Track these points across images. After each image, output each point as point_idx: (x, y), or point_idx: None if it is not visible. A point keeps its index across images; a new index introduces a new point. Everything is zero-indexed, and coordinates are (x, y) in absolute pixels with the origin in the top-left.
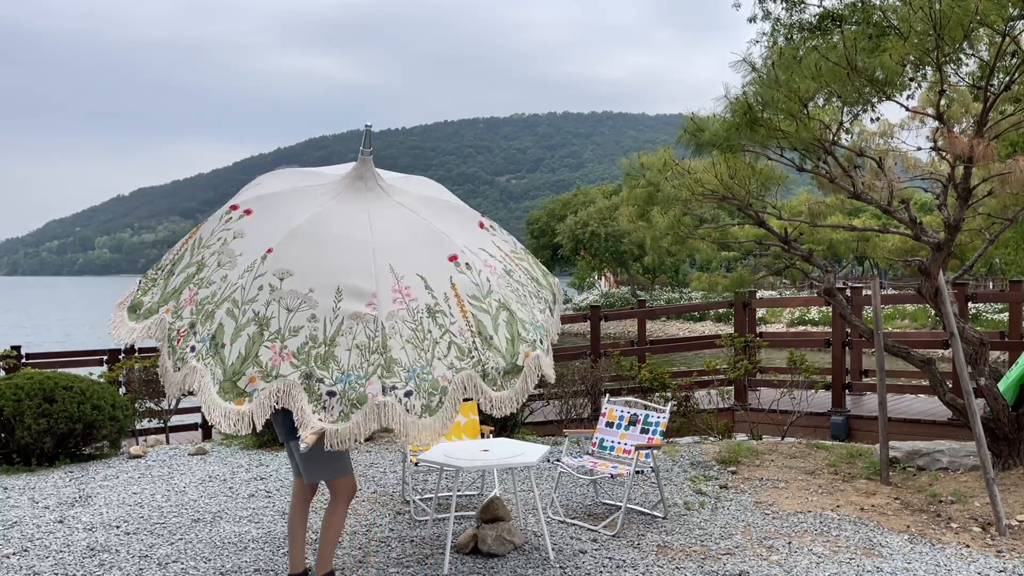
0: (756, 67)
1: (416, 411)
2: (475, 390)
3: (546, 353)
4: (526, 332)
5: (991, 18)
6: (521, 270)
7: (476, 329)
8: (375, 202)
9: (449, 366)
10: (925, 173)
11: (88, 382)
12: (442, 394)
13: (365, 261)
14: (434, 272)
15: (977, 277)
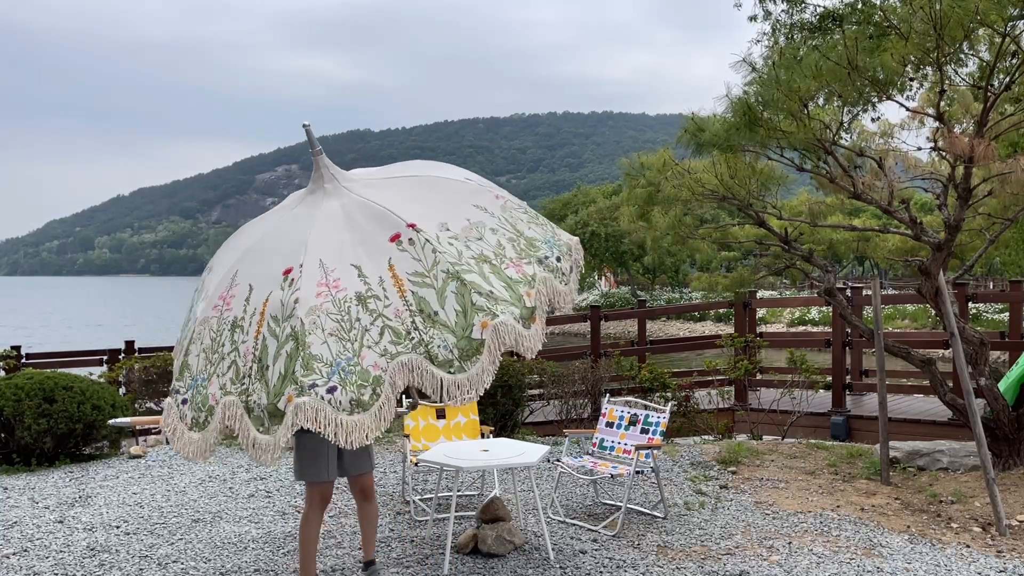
0: (756, 67)
1: (344, 407)
2: (423, 375)
3: (522, 320)
4: (485, 300)
5: (991, 18)
6: (510, 229)
7: (417, 307)
8: (326, 200)
9: (382, 352)
10: (925, 173)
11: (88, 382)
12: (375, 384)
13: (294, 262)
14: (370, 258)
15: (977, 277)
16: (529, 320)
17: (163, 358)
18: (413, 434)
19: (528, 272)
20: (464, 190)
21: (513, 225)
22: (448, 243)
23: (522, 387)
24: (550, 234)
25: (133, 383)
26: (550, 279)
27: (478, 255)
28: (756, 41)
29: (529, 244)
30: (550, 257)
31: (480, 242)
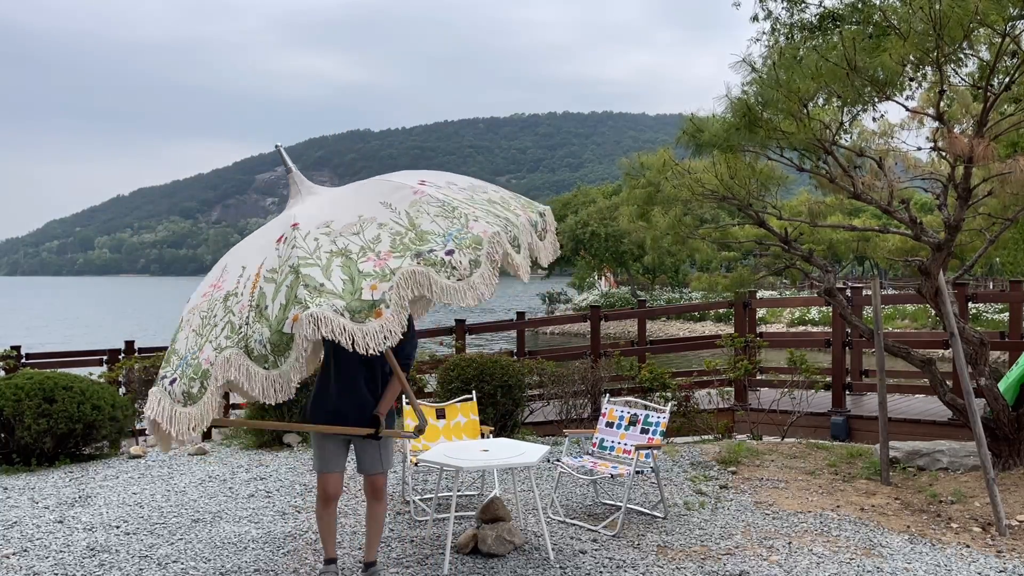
0: (756, 67)
1: (178, 398)
2: (240, 370)
3: (351, 313)
4: (307, 292)
5: (991, 18)
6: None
7: (256, 303)
8: None
9: (216, 347)
10: (925, 173)
11: (88, 382)
12: (203, 378)
13: None
14: (256, 258)
15: (977, 277)
16: (366, 313)
17: (163, 358)
18: None
19: (391, 266)
20: (385, 188)
21: (411, 219)
22: (313, 240)
23: (522, 387)
24: (458, 227)
25: (133, 383)
26: (424, 272)
27: (338, 249)
28: (756, 40)
29: (419, 237)
30: (436, 250)
31: (354, 236)
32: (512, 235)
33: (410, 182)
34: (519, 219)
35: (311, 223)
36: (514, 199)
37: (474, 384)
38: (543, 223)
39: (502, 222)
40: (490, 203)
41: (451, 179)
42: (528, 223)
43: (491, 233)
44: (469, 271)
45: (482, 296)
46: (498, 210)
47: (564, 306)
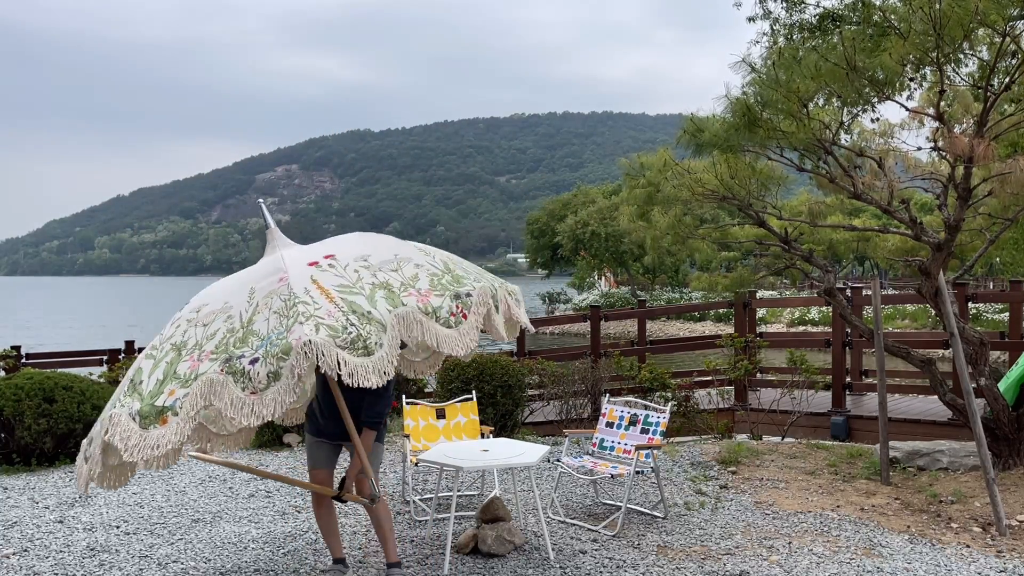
0: (756, 67)
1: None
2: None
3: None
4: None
5: (991, 18)
6: (439, 266)
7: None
8: None
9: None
10: (925, 173)
11: (88, 382)
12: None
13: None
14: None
15: (977, 277)
16: None
17: None
18: (413, 434)
19: (433, 304)
20: (410, 245)
21: (445, 263)
22: (353, 271)
23: (522, 387)
24: (487, 275)
25: None
26: (437, 327)
27: (380, 283)
28: (755, 42)
29: (455, 279)
30: (472, 294)
31: (393, 273)
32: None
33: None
34: (400, 310)
35: (345, 257)
36: (432, 276)
37: (474, 384)
38: (456, 306)
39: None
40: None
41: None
42: (417, 309)
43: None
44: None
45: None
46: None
47: (564, 306)
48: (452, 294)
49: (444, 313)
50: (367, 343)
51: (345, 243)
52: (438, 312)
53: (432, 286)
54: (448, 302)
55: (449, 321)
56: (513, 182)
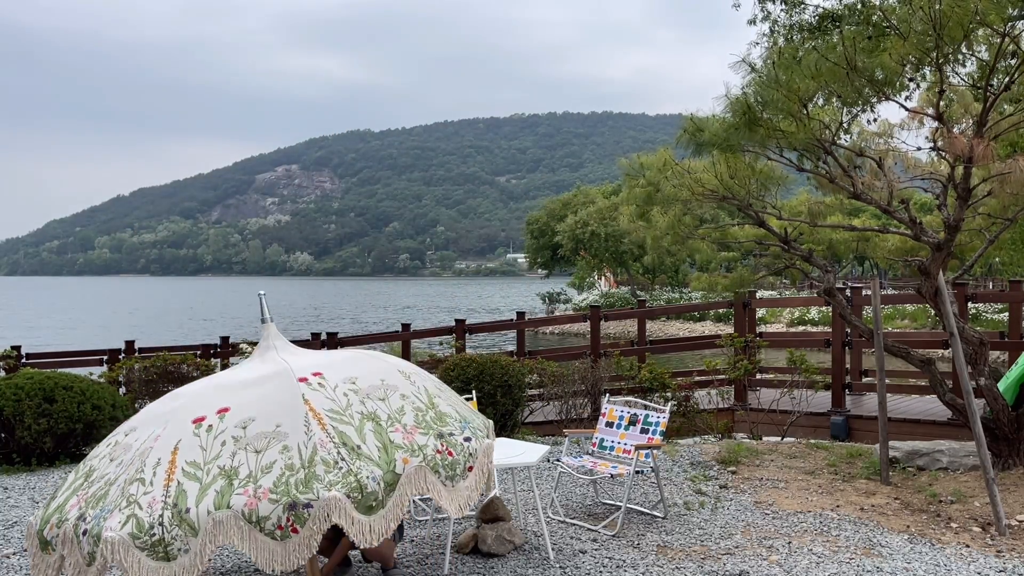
0: (756, 67)
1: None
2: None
3: (443, 476)
4: (402, 441)
5: (991, 18)
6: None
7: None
8: None
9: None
10: (925, 173)
11: (88, 382)
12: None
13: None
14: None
15: (976, 277)
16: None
17: (163, 358)
18: None
19: (419, 441)
20: (396, 364)
21: (429, 398)
22: (343, 394)
23: (522, 387)
24: (468, 415)
25: (133, 383)
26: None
27: (367, 413)
28: (755, 43)
29: (438, 417)
30: (456, 434)
31: (380, 402)
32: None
33: None
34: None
35: (334, 376)
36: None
37: (474, 384)
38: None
39: None
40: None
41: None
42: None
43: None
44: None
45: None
46: None
47: (564, 306)
48: (436, 433)
49: (430, 452)
50: (360, 481)
51: (334, 361)
52: (424, 451)
53: (417, 422)
54: (432, 441)
55: (439, 468)
56: (513, 182)
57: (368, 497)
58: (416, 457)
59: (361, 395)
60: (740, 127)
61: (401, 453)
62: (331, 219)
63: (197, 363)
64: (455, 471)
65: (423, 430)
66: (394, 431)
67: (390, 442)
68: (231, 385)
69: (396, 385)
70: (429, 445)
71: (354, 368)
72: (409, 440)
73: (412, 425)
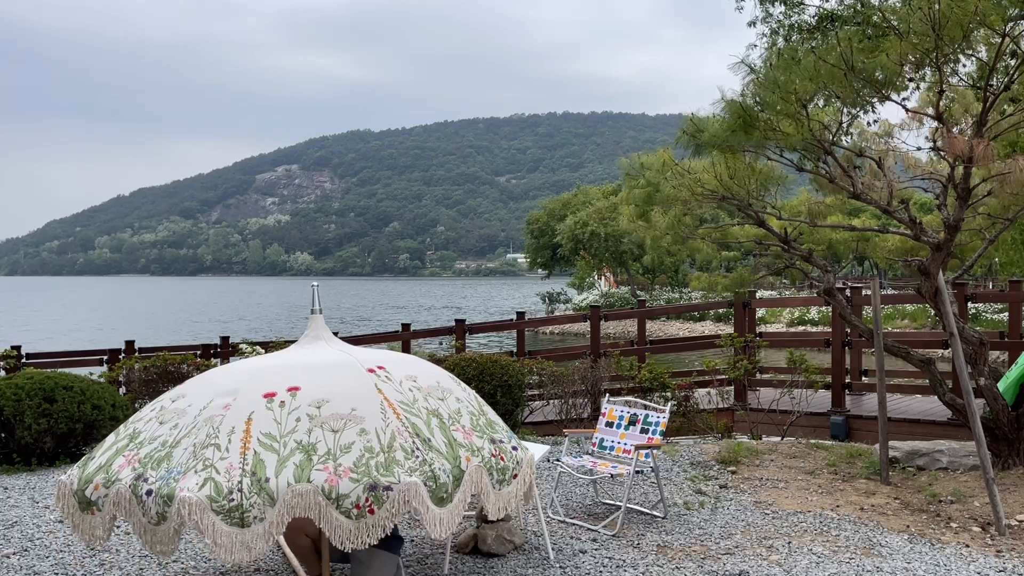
0: (754, 68)
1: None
2: None
3: (495, 480)
4: (463, 440)
5: (991, 18)
6: (475, 406)
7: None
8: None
9: None
10: (925, 173)
11: (88, 382)
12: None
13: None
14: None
15: (976, 277)
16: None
17: (163, 358)
18: None
19: (476, 443)
20: (444, 371)
21: (479, 405)
22: (408, 389)
23: (522, 387)
24: (509, 431)
25: (133, 383)
26: (483, 471)
27: (431, 409)
28: (754, 45)
29: (489, 424)
30: (505, 442)
31: (440, 401)
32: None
33: None
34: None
35: (396, 372)
36: (471, 414)
37: (474, 384)
38: (495, 450)
39: None
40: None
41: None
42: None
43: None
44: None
45: (505, 508)
46: None
47: (564, 306)
48: (489, 438)
49: (487, 454)
50: (434, 472)
51: (391, 358)
52: (481, 452)
53: (473, 426)
54: (488, 444)
55: (493, 471)
56: (513, 182)
57: (440, 488)
58: (476, 457)
59: (423, 392)
60: (737, 129)
61: (463, 451)
62: (331, 219)
63: (197, 363)
64: (504, 475)
65: (478, 433)
66: (455, 430)
67: (454, 439)
68: (295, 366)
69: (450, 388)
70: (485, 448)
71: (412, 367)
72: (469, 440)
73: (469, 427)
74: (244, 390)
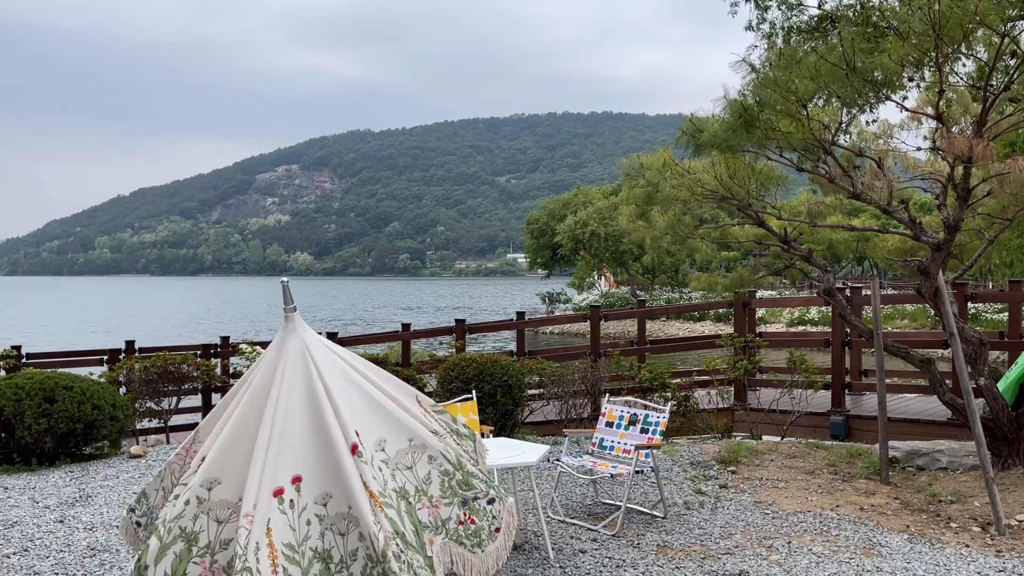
0: (755, 67)
1: None
2: None
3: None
4: (427, 519)
5: (991, 18)
6: (452, 461)
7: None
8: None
9: None
10: (924, 173)
11: (88, 382)
12: None
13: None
14: None
15: (976, 277)
16: None
17: (163, 358)
18: None
19: (443, 514)
20: (420, 415)
21: (457, 457)
22: (378, 468)
23: (522, 387)
24: (482, 471)
25: (133, 383)
26: (451, 544)
27: (399, 490)
28: (754, 47)
29: (464, 481)
30: (481, 497)
31: (408, 471)
32: None
33: None
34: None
35: (368, 441)
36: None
37: (474, 384)
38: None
39: None
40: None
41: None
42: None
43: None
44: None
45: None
46: None
47: (564, 306)
48: (460, 500)
49: (452, 525)
50: (416, 573)
51: (359, 410)
52: (447, 525)
53: (443, 492)
54: (456, 511)
55: (463, 540)
56: (513, 182)
57: None
58: (439, 534)
59: (391, 465)
60: (737, 128)
61: (428, 534)
62: (331, 219)
63: (197, 363)
64: (480, 536)
65: (448, 499)
66: (421, 507)
67: (419, 523)
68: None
69: (423, 443)
70: (452, 517)
71: (382, 423)
72: (435, 515)
73: (438, 496)
74: (257, 484)
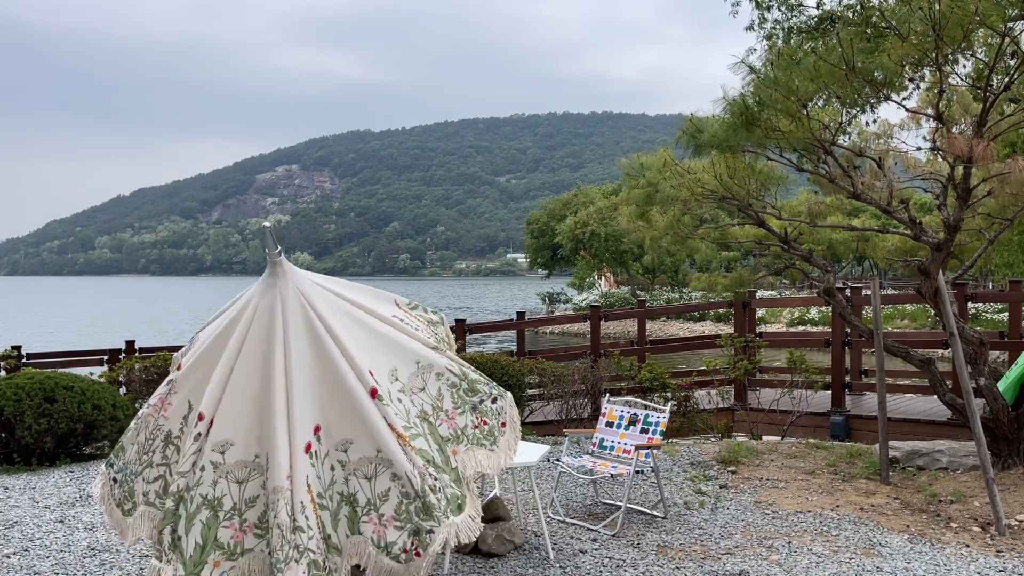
0: (755, 68)
1: None
2: None
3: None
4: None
5: (991, 19)
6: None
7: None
8: (290, 332)
9: None
10: (924, 173)
11: (88, 382)
12: None
13: None
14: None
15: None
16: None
17: (163, 358)
18: None
19: (459, 424)
20: (423, 326)
21: (460, 367)
22: (397, 400)
23: (522, 387)
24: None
25: (133, 383)
26: (473, 449)
27: (420, 413)
28: (753, 49)
29: (470, 388)
30: (486, 399)
31: (422, 393)
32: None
33: None
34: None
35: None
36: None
37: None
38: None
39: None
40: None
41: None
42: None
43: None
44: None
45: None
46: None
47: (564, 306)
48: (470, 406)
49: (470, 431)
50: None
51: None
52: (465, 432)
53: (455, 403)
54: (470, 417)
55: (483, 441)
56: (513, 182)
57: (453, 500)
58: (460, 443)
59: (408, 392)
60: (738, 128)
61: (450, 447)
62: (331, 219)
63: None
64: (494, 435)
65: (460, 409)
66: (440, 423)
67: (441, 439)
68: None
69: (430, 363)
70: (468, 423)
71: (390, 352)
72: (453, 427)
73: (452, 409)
74: (287, 443)
